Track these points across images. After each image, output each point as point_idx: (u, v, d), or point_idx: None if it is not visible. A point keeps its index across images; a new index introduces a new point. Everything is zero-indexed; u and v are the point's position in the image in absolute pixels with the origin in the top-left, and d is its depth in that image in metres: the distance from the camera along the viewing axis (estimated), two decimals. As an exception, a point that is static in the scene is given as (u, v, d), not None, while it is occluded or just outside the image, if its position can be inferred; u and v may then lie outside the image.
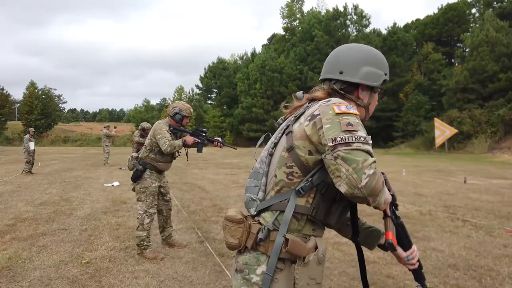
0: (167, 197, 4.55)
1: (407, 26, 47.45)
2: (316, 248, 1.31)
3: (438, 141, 25.99)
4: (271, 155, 1.44)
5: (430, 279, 3.73)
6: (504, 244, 4.95)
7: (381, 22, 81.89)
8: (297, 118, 1.41)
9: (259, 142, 1.65)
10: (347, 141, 1.18)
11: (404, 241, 1.48)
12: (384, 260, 4.25)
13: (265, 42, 67.27)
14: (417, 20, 50.29)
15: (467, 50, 39.18)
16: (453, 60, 44.93)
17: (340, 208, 1.38)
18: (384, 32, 44.32)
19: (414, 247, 1.49)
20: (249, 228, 1.36)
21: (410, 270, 1.50)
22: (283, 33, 59.29)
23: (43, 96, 53.63)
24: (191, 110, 4.31)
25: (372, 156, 1.18)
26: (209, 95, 59.67)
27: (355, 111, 1.27)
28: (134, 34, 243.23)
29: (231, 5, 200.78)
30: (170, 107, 4.33)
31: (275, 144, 1.44)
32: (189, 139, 4.23)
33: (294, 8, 59.80)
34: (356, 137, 1.19)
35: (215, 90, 58.08)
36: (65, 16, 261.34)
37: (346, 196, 1.19)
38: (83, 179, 11.37)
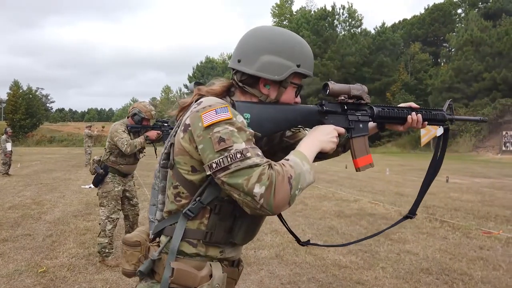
0: (133, 201, 4.36)
1: (394, 26, 47.76)
2: (211, 276, 1.14)
3: (424, 140, 26.02)
4: (164, 167, 1.24)
5: (401, 284, 3.62)
6: (480, 245, 4.88)
7: (367, 23, 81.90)
8: (179, 124, 1.20)
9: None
10: (223, 165, 1.01)
11: (395, 120, 1.44)
12: (356, 264, 4.13)
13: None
14: (404, 20, 50.67)
15: (452, 50, 39.60)
16: (439, 60, 45.33)
17: (246, 224, 1.18)
18: (372, 32, 44.49)
19: (408, 117, 1.42)
20: (147, 252, 1.21)
21: (423, 126, 1.46)
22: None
23: (28, 96, 52.67)
24: (153, 113, 4.12)
25: (257, 166, 1.00)
26: (197, 95, 59.29)
27: (226, 115, 1.06)
28: (126, 35, 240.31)
29: (221, 4, 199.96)
30: (131, 107, 4.15)
31: (167, 155, 1.23)
32: (152, 133, 4.06)
33: (284, 8, 59.66)
34: (231, 156, 1.00)
35: (204, 90, 57.70)
36: (58, 18, 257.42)
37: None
38: (61, 181, 11.08)
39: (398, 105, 1.47)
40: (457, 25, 44.14)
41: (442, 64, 42.33)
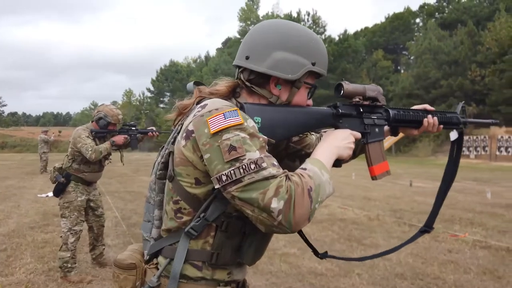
0: (98, 212, 4.08)
1: (356, 34, 49.08)
2: None
3: (385, 144, 26.78)
4: (160, 179, 1.10)
5: (377, 291, 3.59)
6: (448, 249, 4.97)
7: (330, 30, 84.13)
8: (179, 130, 1.06)
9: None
10: (234, 177, 0.88)
11: (411, 124, 1.36)
12: (332, 271, 4.07)
13: (220, 46, 66.93)
14: (366, 28, 52.19)
15: (412, 57, 41.20)
16: (399, 67, 47.04)
17: (256, 242, 1.05)
18: (336, 39, 45.51)
19: (424, 120, 1.33)
20: (144, 275, 1.05)
21: (438, 130, 1.38)
22: (239, 36, 59.20)
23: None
24: (120, 117, 3.88)
25: (274, 177, 0.88)
26: (161, 99, 58.27)
27: (237, 120, 0.93)
28: (86, 36, 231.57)
29: (186, 7, 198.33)
30: (96, 111, 3.89)
31: (165, 165, 1.08)
32: (119, 138, 3.83)
33: (251, 12, 59.87)
34: (244, 167, 0.88)
35: (168, 94, 56.81)
36: (14, 18, 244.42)
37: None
38: (15, 189, 10.40)
39: (412, 107, 1.39)
40: (416, 34, 46.04)
41: (402, 71, 43.94)
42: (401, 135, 1.52)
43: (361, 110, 1.22)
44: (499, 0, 36.90)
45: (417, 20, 48.70)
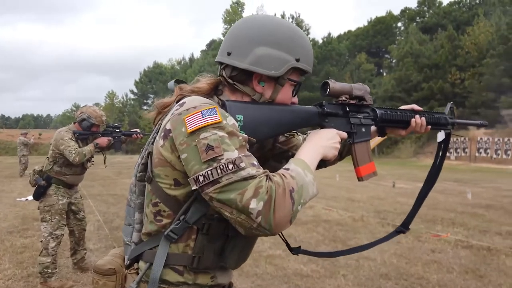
0: (79, 216, 3.98)
1: (340, 37, 49.61)
2: None
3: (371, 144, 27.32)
4: (141, 181, 1.06)
5: (363, 292, 3.61)
6: (431, 249, 5.04)
7: (314, 33, 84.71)
8: (159, 130, 1.03)
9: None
10: (212, 178, 0.85)
11: (398, 124, 1.34)
12: (317, 273, 4.07)
13: (204, 48, 66.68)
14: (349, 31, 52.81)
15: (394, 61, 41.85)
16: (381, 70, 47.74)
17: (240, 244, 1.02)
18: (320, 42, 45.89)
19: (412, 120, 1.31)
20: (124, 281, 1.02)
21: (426, 131, 1.36)
22: (223, 38, 59.08)
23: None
24: (103, 118, 3.81)
25: (253, 177, 0.85)
26: (145, 101, 57.67)
27: (215, 118, 0.89)
28: (68, 37, 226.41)
29: (170, 9, 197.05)
30: (78, 112, 3.80)
31: (145, 167, 1.05)
32: (102, 140, 3.76)
33: (236, 14, 59.86)
34: (221, 167, 0.85)
35: (152, 96, 56.27)
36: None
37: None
38: (-7, 193, 10.11)
39: (400, 107, 1.39)
40: (397, 37, 46.80)
41: (385, 74, 44.59)
42: (380, 139, 1.51)
43: (348, 109, 1.20)
44: (478, 5, 37.91)
45: (399, 24, 49.57)
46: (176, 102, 1.02)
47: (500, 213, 7.64)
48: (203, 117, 0.89)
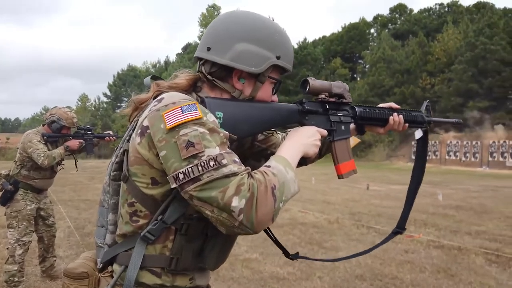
0: (49, 221, 3.84)
1: (315, 42, 50.28)
2: None
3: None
4: (115, 180, 1.03)
5: (339, 293, 3.63)
6: (405, 249, 5.14)
7: (289, 38, 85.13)
8: (135, 127, 1.00)
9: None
10: (192, 176, 0.83)
11: (377, 122, 1.35)
12: (293, 275, 4.08)
13: (180, 51, 66.15)
14: (324, 37, 53.63)
15: (367, 66, 42.80)
16: (355, 75, 48.67)
17: (219, 244, 1.00)
18: (296, 46, 46.41)
19: (390, 118, 1.32)
20: (97, 285, 0.98)
21: (404, 129, 1.37)
22: (199, 42, 58.79)
23: None
24: (74, 120, 3.69)
25: (235, 175, 0.83)
26: (118, 104, 56.61)
27: (195, 114, 0.87)
28: (38, 39, 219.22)
29: (144, 11, 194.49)
30: (48, 113, 3.67)
31: (119, 165, 1.02)
32: (73, 143, 3.65)
33: (212, 17, 59.68)
34: (202, 164, 0.83)
35: (126, 99, 55.29)
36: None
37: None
38: (-44, 200, 9.64)
39: (378, 105, 1.40)
40: (370, 43, 47.89)
41: (358, 79, 45.49)
42: (355, 143, 1.53)
43: (327, 107, 1.20)
44: (447, 13, 39.30)
45: (372, 30, 50.74)
46: (154, 98, 0.99)
47: (470, 213, 7.90)
48: (183, 113, 0.87)
